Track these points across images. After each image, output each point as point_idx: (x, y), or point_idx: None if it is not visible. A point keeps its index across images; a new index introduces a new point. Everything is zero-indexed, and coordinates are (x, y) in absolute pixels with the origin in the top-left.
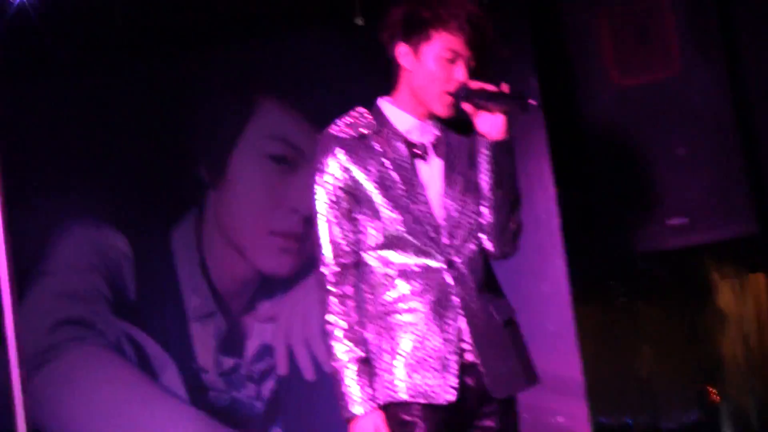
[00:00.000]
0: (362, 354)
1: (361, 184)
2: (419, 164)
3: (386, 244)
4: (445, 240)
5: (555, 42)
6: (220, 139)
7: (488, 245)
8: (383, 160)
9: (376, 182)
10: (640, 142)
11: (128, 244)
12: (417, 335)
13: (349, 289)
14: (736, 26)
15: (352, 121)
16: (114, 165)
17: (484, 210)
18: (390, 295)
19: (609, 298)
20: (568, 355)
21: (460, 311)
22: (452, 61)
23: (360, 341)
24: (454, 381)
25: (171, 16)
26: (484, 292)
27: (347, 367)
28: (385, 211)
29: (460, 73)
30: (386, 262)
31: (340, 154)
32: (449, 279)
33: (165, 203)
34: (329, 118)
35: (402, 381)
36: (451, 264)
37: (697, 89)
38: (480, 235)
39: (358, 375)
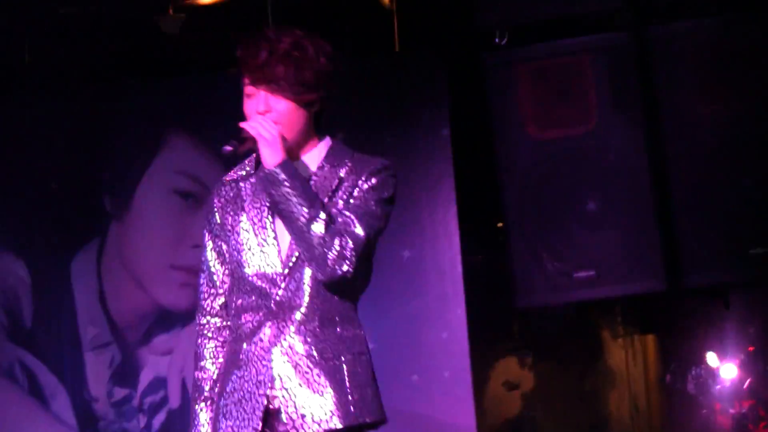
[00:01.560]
0: None
1: (219, 226)
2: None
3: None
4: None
5: (473, 94)
6: (126, 171)
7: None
8: (244, 203)
9: (231, 225)
10: (553, 195)
11: (27, 270)
12: None
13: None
14: (653, 85)
15: (245, 163)
16: (18, 191)
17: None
18: None
19: (504, 349)
20: (464, 402)
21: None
22: (249, 96)
23: None
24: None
25: (82, 49)
26: (305, 325)
27: None
28: (234, 252)
29: (256, 108)
30: None
31: (215, 197)
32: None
33: (67, 231)
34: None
35: None
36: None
37: (612, 146)
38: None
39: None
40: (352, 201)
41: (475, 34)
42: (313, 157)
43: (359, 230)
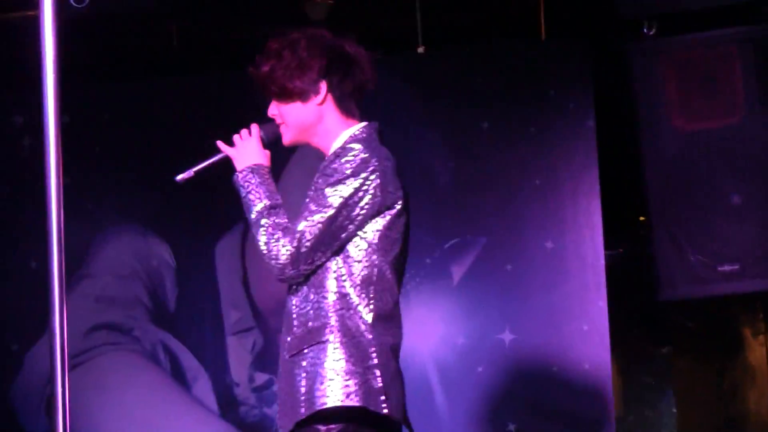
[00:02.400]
0: None
1: None
2: None
3: None
4: None
5: (619, 84)
6: (271, 156)
7: None
8: None
9: None
10: (697, 187)
11: (172, 253)
12: None
13: None
14: None
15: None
16: (165, 174)
17: None
18: None
19: (644, 342)
20: (602, 395)
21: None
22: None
23: None
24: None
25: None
26: (294, 321)
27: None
28: None
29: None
30: None
31: None
32: None
33: (212, 215)
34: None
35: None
36: None
37: (759, 138)
38: None
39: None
40: (307, 200)
41: (622, 23)
42: (334, 148)
43: (293, 238)
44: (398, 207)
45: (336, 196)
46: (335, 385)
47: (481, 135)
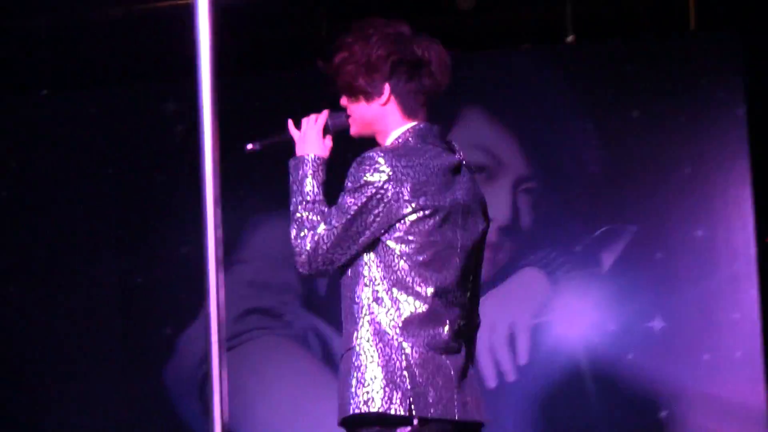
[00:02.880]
0: None
1: None
2: None
3: None
4: None
5: None
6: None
7: None
8: None
9: None
10: None
11: None
12: None
13: None
14: None
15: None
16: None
17: None
18: None
19: None
20: (754, 383)
21: None
22: None
23: None
24: None
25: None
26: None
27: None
28: None
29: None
30: None
31: None
32: None
33: None
34: (532, 132)
35: None
36: None
37: None
38: None
39: None
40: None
41: None
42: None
43: (314, 238)
44: (421, 213)
45: (353, 203)
46: (357, 392)
47: (632, 124)
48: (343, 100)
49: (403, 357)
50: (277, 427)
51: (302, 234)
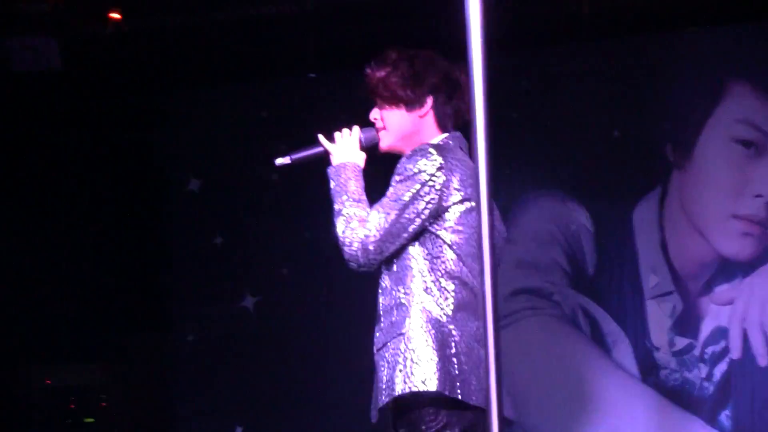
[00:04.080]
0: None
1: None
2: None
3: None
4: None
5: None
6: (688, 121)
7: None
8: None
9: None
10: None
11: (590, 218)
12: None
13: None
14: None
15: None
16: (582, 139)
17: None
18: None
19: None
20: None
21: None
22: None
23: None
24: None
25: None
26: (379, 317)
27: None
28: None
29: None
30: None
31: None
32: None
33: (629, 180)
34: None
35: None
36: None
37: None
38: None
39: None
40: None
41: None
42: None
43: (366, 230)
44: (468, 204)
45: (404, 192)
46: (413, 371)
47: None
48: (374, 114)
49: (453, 344)
50: (546, 408)
51: (352, 226)
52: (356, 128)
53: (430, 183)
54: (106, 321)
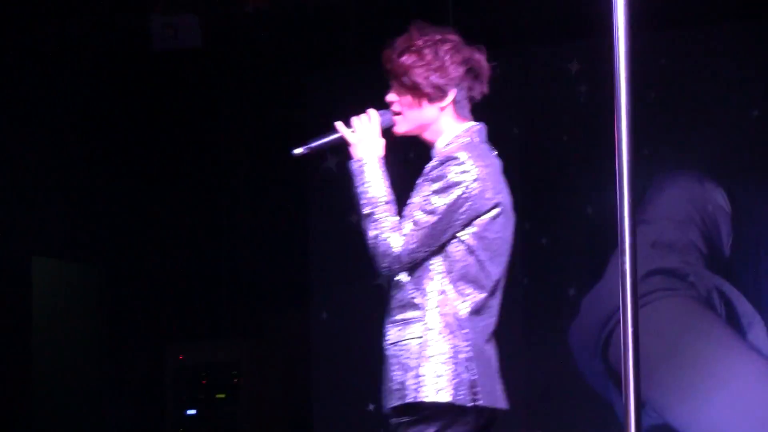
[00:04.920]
0: None
1: None
2: None
3: None
4: None
5: None
6: None
7: None
8: None
9: None
10: None
11: (727, 199)
12: None
13: None
14: None
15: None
16: (720, 121)
17: None
18: None
19: None
20: None
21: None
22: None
23: None
24: None
25: None
26: (389, 316)
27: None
28: None
29: (386, 96)
30: None
31: None
32: None
33: (767, 161)
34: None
35: None
36: None
37: None
38: None
39: None
40: (413, 199)
41: None
42: (440, 143)
43: (399, 238)
44: (495, 211)
45: (441, 203)
46: (427, 381)
47: None
48: (392, 96)
49: (467, 348)
50: (677, 389)
51: (384, 235)
52: (375, 113)
53: (465, 195)
54: (241, 299)
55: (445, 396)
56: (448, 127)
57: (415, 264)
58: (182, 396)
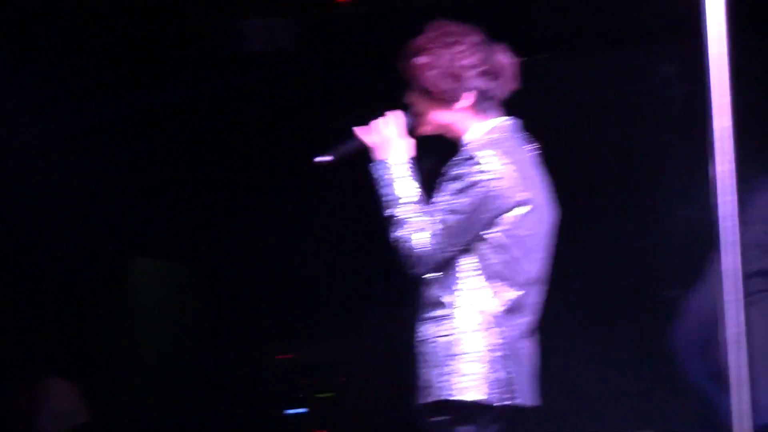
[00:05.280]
0: None
1: None
2: None
3: None
4: None
5: None
6: None
7: None
8: None
9: None
10: None
11: None
12: None
13: None
14: None
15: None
16: None
17: None
18: None
19: None
20: None
21: None
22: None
23: None
24: None
25: None
26: (421, 314)
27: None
28: None
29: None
30: None
31: None
32: None
33: None
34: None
35: None
36: None
37: None
38: None
39: None
40: (436, 197)
41: None
42: (465, 141)
43: (423, 239)
44: (525, 208)
45: (464, 202)
46: (460, 379)
47: None
48: (409, 98)
49: (500, 346)
50: None
51: (413, 236)
52: (399, 114)
53: (488, 194)
54: (344, 298)
55: (474, 394)
56: (471, 126)
57: (445, 262)
58: (291, 395)
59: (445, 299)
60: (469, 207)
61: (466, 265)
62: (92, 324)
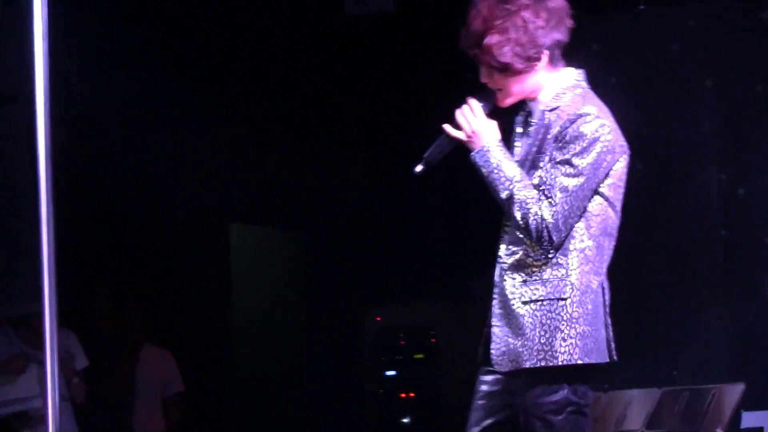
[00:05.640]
0: None
1: None
2: None
3: None
4: None
5: None
6: None
7: None
8: None
9: None
10: None
11: None
12: None
13: None
14: None
15: None
16: None
17: None
18: None
19: None
20: None
21: (494, 289)
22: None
23: None
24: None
25: None
26: (515, 273)
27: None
28: None
29: (481, 78)
30: None
31: None
32: None
33: None
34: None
35: None
36: None
37: None
38: None
39: None
40: (550, 164)
41: None
42: (545, 95)
43: (550, 209)
44: (625, 157)
45: (584, 163)
46: (577, 343)
47: None
48: (485, 77)
49: (605, 303)
50: None
51: (532, 211)
52: (474, 101)
53: (605, 149)
54: (438, 261)
55: (599, 356)
56: (548, 80)
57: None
58: (381, 357)
59: (558, 259)
60: (590, 167)
61: (582, 224)
62: (191, 292)
